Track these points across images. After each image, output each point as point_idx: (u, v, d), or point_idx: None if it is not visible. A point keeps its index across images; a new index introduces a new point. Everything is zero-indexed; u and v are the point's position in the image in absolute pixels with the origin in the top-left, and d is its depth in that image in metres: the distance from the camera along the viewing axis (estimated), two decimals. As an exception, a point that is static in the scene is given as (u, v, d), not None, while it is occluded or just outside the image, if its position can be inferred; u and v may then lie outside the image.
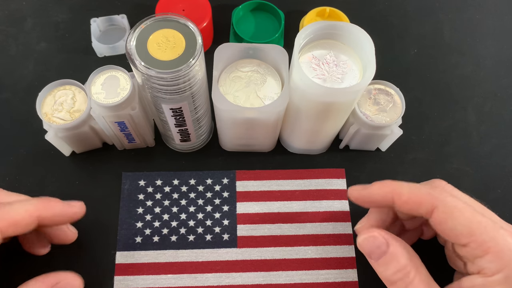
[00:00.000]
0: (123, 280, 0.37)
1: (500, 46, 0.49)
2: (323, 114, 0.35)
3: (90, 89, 0.35)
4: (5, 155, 0.41)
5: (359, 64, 0.35)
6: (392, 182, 0.31)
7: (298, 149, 0.42)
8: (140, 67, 0.30)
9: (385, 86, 0.40)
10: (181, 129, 0.37)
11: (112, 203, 0.40)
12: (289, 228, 0.39)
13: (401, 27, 0.50)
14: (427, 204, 0.29)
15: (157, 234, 0.39)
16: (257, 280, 0.37)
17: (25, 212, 0.30)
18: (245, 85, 0.36)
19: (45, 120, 0.37)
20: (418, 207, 0.30)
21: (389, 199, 0.31)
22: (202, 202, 0.40)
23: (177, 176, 0.41)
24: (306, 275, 0.38)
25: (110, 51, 0.46)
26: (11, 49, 0.46)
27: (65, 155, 0.41)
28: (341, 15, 0.46)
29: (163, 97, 0.32)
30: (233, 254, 0.38)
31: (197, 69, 0.31)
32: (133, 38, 0.31)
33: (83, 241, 0.38)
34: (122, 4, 0.49)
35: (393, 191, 0.31)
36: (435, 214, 0.29)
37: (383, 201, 0.32)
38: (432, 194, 0.29)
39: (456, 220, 0.28)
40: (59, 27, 0.48)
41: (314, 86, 0.32)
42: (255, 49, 0.36)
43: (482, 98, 0.46)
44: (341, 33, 0.35)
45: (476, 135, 0.45)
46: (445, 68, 0.48)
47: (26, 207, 0.30)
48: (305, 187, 0.41)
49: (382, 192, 0.31)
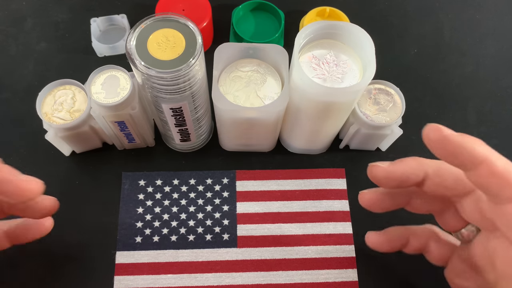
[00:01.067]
0: (123, 280, 0.37)
1: (500, 46, 0.49)
2: (323, 114, 0.35)
3: (90, 89, 0.35)
4: (5, 155, 0.41)
5: (359, 64, 0.35)
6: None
7: (298, 149, 0.42)
8: (140, 67, 0.30)
9: (385, 86, 0.40)
10: (181, 129, 0.37)
11: (112, 203, 0.40)
12: (289, 228, 0.39)
13: (401, 27, 0.50)
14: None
15: (157, 234, 0.39)
16: (257, 280, 0.37)
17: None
18: (245, 85, 0.36)
19: (45, 120, 0.37)
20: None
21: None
22: (202, 202, 0.40)
23: (177, 176, 0.41)
24: (306, 275, 0.38)
25: (110, 51, 0.46)
26: (11, 49, 0.46)
27: (65, 155, 0.41)
28: (341, 15, 0.46)
29: (163, 97, 0.32)
30: (233, 254, 0.38)
31: (197, 68, 0.31)
32: (133, 38, 0.31)
33: (83, 241, 0.38)
34: (122, 4, 0.49)
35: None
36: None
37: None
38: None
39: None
40: (59, 27, 0.48)
41: (314, 85, 0.32)
42: (255, 49, 0.36)
43: (482, 98, 0.46)
44: (341, 33, 0.35)
45: (476, 135, 0.44)
46: (445, 68, 0.48)
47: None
48: (305, 187, 0.41)
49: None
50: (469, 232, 0.31)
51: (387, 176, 0.29)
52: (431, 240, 0.33)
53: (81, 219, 0.39)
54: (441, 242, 0.33)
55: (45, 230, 0.34)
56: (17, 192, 0.27)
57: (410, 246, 0.34)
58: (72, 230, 0.38)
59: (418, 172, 0.28)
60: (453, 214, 0.31)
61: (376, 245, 0.35)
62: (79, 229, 0.38)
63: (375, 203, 0.32)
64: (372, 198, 0.32)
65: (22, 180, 0.27)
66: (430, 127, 0.26)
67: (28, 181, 0.27)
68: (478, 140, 0.25)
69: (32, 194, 0.27)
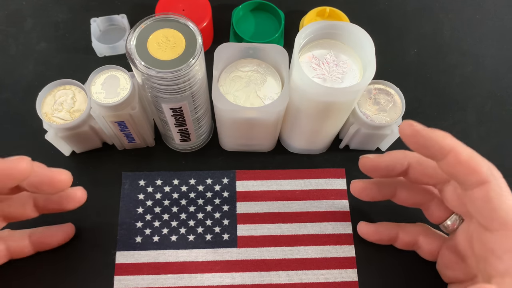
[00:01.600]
0: (123, 280, 0.37)
1: (500, 46, 0.49)
2: (323, 114, 0.35)
3: (90, 89, 0.35)
4: (5, 155, 0.41)
5: (359, 64, 0.35)
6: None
7: (298, 149, 0.42)
8: (140, 67, 0.30)
9: (385, 86, 0.40)
10: (181, 129, 0.37)
11: (112, 203, 0.40)
12: (289, 228, 0.39)
13: (401, 27, 0.50)
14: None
15: (157, 234, 0.39)
16: (257, 280, 0.37)
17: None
18: (245, 85, 0.36)
19: (45, 120, 0.37)
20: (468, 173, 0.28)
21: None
22: (202, 202, 0.40)
23: (177, 176, 0.41)
24: (306, 275, 0.38)
25: (110, 51, 0.46)
26: (11, 49, 0.46)
27: (65, 155, 0.41)
28: (341, 15, 0.46)
29: (163, 97, 0.32)
30: (233, 254, 0.38)
31: (197, 68, 0.31)
32: (133, 38, 0.31)
33: (83, 241, 0.38)
34: (122, 4, 0.49)
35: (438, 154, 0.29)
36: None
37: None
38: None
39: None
40: (59, 27, 0.48)
41: (314, 85, 0.32)
42: (255, 49, 0.36)
43: (482, 98, 0.46)
44: (341, 32, 0.35)
45: (476, 135, 0.45)
46: (445, 68, 0.48)
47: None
48: (305, 187, 0.41)
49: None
50: (453, 222, 0.34)
51: (375, 165, 0.32)
52: (420, 235, 0.36)
53: (81, 219, 0.39)
54: (430, 237, 0.35)
55: (68, 236, 0.37)
56: (51, 183, 0.29)
57: (400, 241, 0.37)
58: (72, 230, 0.38)
59: (402, 161, 0.32)
60: (437, 205, 0.34)
61: (364, 234, 0.38)
62: (79, 229, 0.38)
63: (363, 192, 0.35)
64: (361, 186, 0.35)
65: (53, 171, 0.30)
66: (404, 123, 0.29)
67: (60, 172, 0.30)
68: (446, 133, 0.28)
69: (64, 183, 0.30)
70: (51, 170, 0.30)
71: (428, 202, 0.35)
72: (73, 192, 0.33)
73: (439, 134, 0.28)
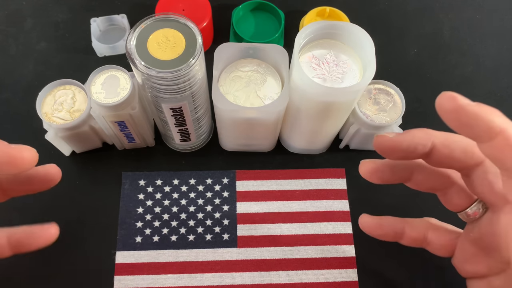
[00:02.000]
0: (123, 280, 0.37)
1: (500, 46, 0.49)
2: (323, 114, 0.35)
3: (90, 88, 0.35)
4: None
5: (359, 64, 0.35)
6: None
7: (298, 149, 0.42)
8: (140, 67, 0.30)
9: (385, 86, 0.40)
10: (181, 129, 0.37)
11: (112, 203, 0.40)
12: (289, 228, 0.39)
13: (401, 27, 0.50)
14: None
15: (157, 234, 0.39)
16: (257, 280, 0.37)
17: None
18: (245, 85, 0.36)
19: (45, 120, 0.37)
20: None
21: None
22: (202, 201, 0.40)
23: (177, 176, 0.41)
24: (306, 275, 0.38)
25: (110, 51, 0.46)
26: (11, 49, 0.46)
27: (65, 155, 0.41)
28: (341, 15, 0.46)
29: (163, 97, 0.32)
30: (233, 254, 0.38)
31: (197, 68, 0.31)
32: (133, 37, 0.31)
33: (83, 241, 0.38)
34: (122, 4, 0.49)
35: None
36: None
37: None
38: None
39: None
40: (59, 27, 0.48)
41: (314, 85, 0.32)
42: (255, 49, 0.36)
43: (482, 98, 0.46)
44: (341, 32, 0.35)
45: (476, 135, 0.44)
46: (445, 68, 0.48)
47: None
48: (305, 187, 0.41)
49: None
50: (474, 211, 0.30)
51: (394, 146, 0.27)
52: (429, 230, 0.32)
53: (81, 219, 0.39)
54: (441, 230, 0.32)
55: (50, 237, 0.31)
56: (9, 161, 0.25)
57: (406, 237, 0.33)
58: (72, 230, 0.38)
59: (425, 142, 0.27)
60: (457, 192, 0.30)
61: (367, 228, 0.34)
62: (79, 229, 0.38)
63: (375, 174, 0.30)
64: (373, 167, 0.30)
65: (12, 147, 0.25)
66: (444, 95, 0.24)
67: (20, 149, 0.25)
68: (496, 110, 0.24)
69: (25, 162, 0.25)
70: (10, 146, 0.25)
71: (448, 187, 0.30)
72: (44, 170, 0.28)
73: (488, 110, 0.24)
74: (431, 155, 0.28)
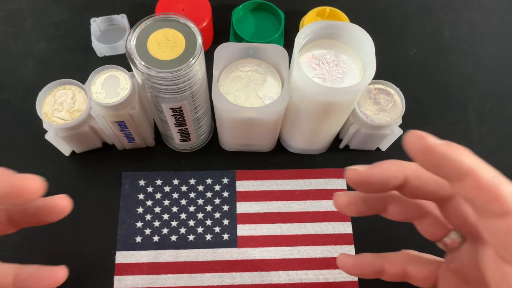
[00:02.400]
0: (123, 280, 0.37)
1: (500, 46, 0.49)
2: (323, 114, 0.35)
3: (90, 88, 0.35)
4: (5, 155, 0.41)
5: (359, 64, 0.35)
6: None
7: (298, 149, 0.42)
8: (140, 67, 0.30)
9: (385, 86, 0.40)
10: (181, 129, 0.37)
11: (112, 203, 0.40)
12: (289, 228, 0.39)
13: (401, 27, 0.50)
14: None
15: (157, 234, 0.39)
16: (257, 280, 0.37)
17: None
18: (245, 85, 0.36)
19: (45, 120, 0.37)
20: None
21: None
22: (202, 201, 0.40)
23: (177, 176, 0.41)
24: (306, 275, 0.38)
25: (110, 51, 0.46)
26: (11, 49, 0.46)
27: (65, 155, 0.41)
28: (341, 15, 0.46)
29: (163, 97, 0.32)
30: (233, 254, 0.38)
31: (197, 68, 0.31)
32: (133, 37, 0.31)
33: (83, 241, 0.38)
34: (122, 4, 0.49)
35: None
36: None
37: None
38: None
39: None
40: (59, 27, 0.48)
41: (314, 85, 0.32)
42: (255, 49, 0.36)
43: (482, 98, 0.46)
44: (341, 32, 0.35)
45: (477, 135, 0.45)
46: (445, 68, 0.48)
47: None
48: (305, 187, 0.41)
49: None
50: (452, 240, 0.30)
51: (365, 180, 0.27)
52: (408, 264, 0.32)
53: (81, 219, 0.39)
54: (420, 262, 0.32)
55: (57, 281, 0.29)
56: (12, 192, 0.24)
57: (386, 274, 0.32)
58: (72, 229, 0.38)
59: (397, 174, 0.27)
60: (433, 222, 0.30)
61: (345, 268, 0.33)
62: (79, 229, 0.38)
63: (348, 207, 0.30)
64: (346, 201, 0.30)
65: (17, 178, 0.24)
66: (412, 134, 0.23)
67: (25, 179, 0.24)
68: (464, 149, 0.24)
69: (30, 192, 0.24)
70: (14, 176, 0.24)
71: (423, 217, 0.31)
72: (54, 202, 0.27)
73: (457, 151, 0.23)
74: (404, 187, 0.27)
